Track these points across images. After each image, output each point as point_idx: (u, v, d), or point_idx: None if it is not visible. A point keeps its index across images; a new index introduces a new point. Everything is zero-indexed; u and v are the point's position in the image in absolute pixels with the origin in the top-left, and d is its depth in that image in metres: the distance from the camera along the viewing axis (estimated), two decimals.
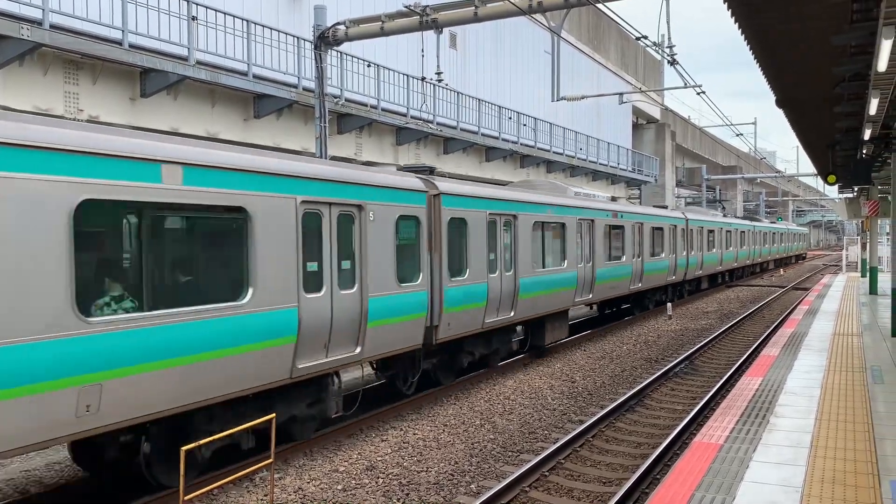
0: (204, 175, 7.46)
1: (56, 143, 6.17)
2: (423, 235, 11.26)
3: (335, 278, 9.30)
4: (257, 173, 8.11)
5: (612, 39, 44.02)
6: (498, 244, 13.52)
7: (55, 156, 6.15)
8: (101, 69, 14.33)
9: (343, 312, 9.43)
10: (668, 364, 15.24)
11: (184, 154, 7.30)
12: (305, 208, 8.84)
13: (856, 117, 13.54)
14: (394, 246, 10.45)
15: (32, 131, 6.03)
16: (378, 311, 10.05)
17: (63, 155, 6.21)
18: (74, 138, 6.34)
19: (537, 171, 31.93)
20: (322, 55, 15.48)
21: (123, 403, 6.65)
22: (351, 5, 20.42)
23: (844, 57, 9.67)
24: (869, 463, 6.73)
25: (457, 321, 12.07)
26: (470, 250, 12.46)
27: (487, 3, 13.61)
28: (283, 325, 8.39)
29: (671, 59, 14.70)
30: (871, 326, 16.12)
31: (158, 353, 6.92)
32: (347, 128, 20.38)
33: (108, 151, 6.56)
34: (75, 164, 6.29)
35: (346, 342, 9.56)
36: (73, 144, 6.29)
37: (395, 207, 10.55)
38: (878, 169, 19.59)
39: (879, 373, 10.90)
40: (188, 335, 7.21)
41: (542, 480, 8.56)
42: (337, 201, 9.36)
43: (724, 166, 66.76)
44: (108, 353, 6.48)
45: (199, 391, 7.40)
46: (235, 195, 7.81)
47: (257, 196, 8.09)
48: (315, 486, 8.25)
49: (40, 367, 5.98)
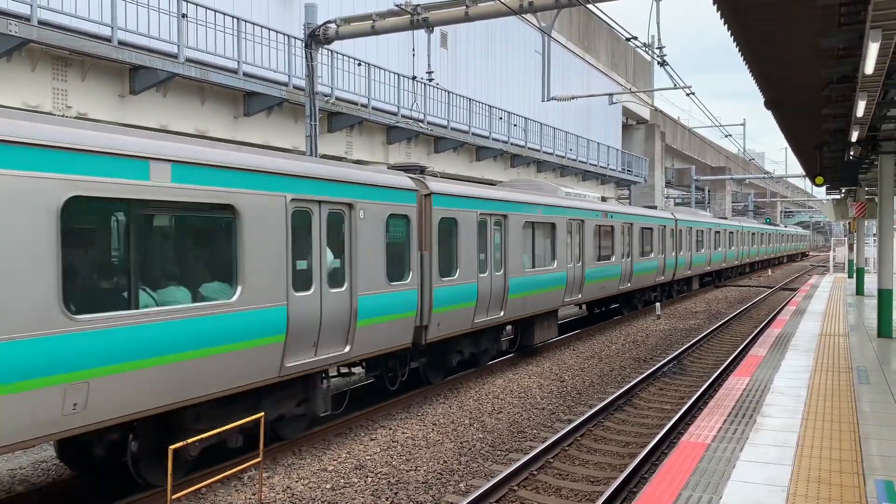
0: (193, 172, 7.43)
1: (42, 139, 6.10)
2: (413, 234, 11.27)
3: (324, 277, 9.29)
4: (247, 171, 8.09)
5: (603, 40, 44.13)
6: (488, 244, 13.55)
7: (42, 152, 6.08)
8: (90, 66, 14.25)
9: (332, 311, 9.41)
10: (657, 364, 15.31)
11: (172, 151, 7.25)
12: (295, 206, 8.82)
13: (843, 119, 13.62)
14: (384, 245, 10.46)
15: (18, 127, 5.97)
16: (367, 310, 10.05)
17: (50, 151, 6.14)
18: (61, 134, 6.27)
19: (527, 170, 31.98)
20: (312, 53, 15.46)
21: (110, 401, 6.62)
22: (342, 4, 20.39)
23: (832, 59, 9.73)
24: (854, 462, 6.79)
25: (447, 321, 12.11)
26: (460, 250, 12.48)
27: (478, 3, 13.62)
28: (272, 324, 8.37)
29: (661, 60, 14.77)
30: (858, 327, 16.24)
31: (146, 351, 6.89)
32: (338, 126, 20.34)
33: (96, 148, 6.51)
34: (62, 161, 6.24)
35: (336, 341, 9.55)
36: (59, 141, 6.22)
37: (386, 206, 10.56)
38: (865, 171, 19.72)
39: (865, 373, 10.99)
40: (176, 333, 7.18)
41: (531, 479, 8.58)
42: (327, 199, 9.34)
43: (713, 167, 67.02)
44: (96, 351, 6.45)
45: (187, 389, 7.37)
46: (224, 193, 7.78)
47: (246, 194, 8.06)
48: (303, 485, 8.24)
49: (27, 364, 5.95)
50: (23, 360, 5.92)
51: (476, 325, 13.16)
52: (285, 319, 8.56)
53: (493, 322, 13.77)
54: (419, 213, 11.48)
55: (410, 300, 11.14)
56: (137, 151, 6.88)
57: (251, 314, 8.07)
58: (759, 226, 50.29)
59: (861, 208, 23.28)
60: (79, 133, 6.46)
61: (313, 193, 9.10)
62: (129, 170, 6.79)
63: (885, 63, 8.90)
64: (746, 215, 67.97)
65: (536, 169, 32.71)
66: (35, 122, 6.19)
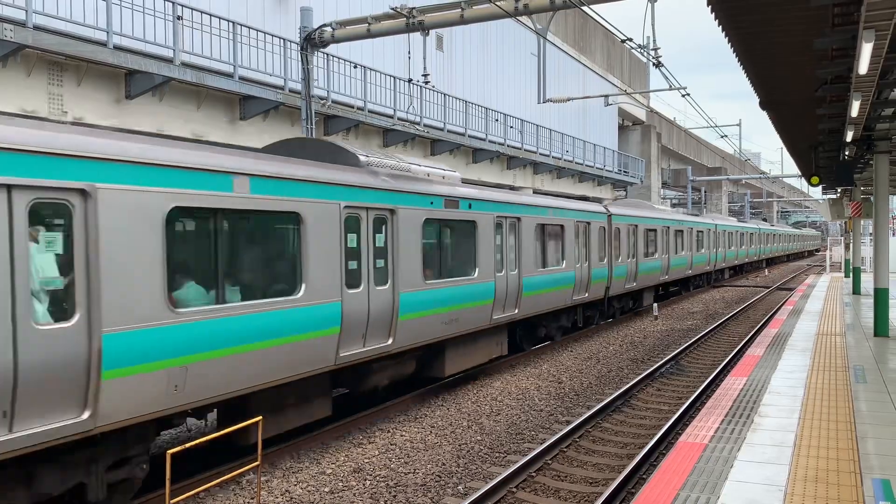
0: (267, 184, 8.41)
1: (155, 158, 7.11)
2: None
3: (371, 275, 10.30)
4: (309, 182, 9.10)
5: (598, 42, 44.20)
6: (503, 245, 14.40)
7: (153, 170, 7.09)
8: (86, 70, 14.24)
9: (378, 307, 10.40)
10: (654, 364, 15.33)
11: (250, 166, 8.25)
12: (347, 213, 9.85)
13: (838, 119, 13.67)
14: (420, 247, 11.41)
15: (140, 149, 7.02)
16: (407, 306, 11.01)
17: (159, 169, 7.15)
18: (168, 154, 7.29)
19: (524, 172, 32.02)
20: (308, 57, 15.47)
21: (202, 385, 7.53)
22: (337, 7, 20.41)
23: (826, 60, 9.77)
24: (851, 461, 6.81)
25: (468, 317, 12.90)
26: (480, 251, 13.31)
27: (474, 5, 13.64)
28: (330, 318, 9.38)
29: (656, 61, 14.80)
30: (855, 326, 16.28)
31: (233, 340, 7.84)
32: (334, 129, 20.35)
33: (192, 165, 7.50)
34: (167, 177, 7.24)
35: (380, 334, 10.54)
36: (166, 160, 7.23)
37: (422, 211, 11.57)
38: (860, 170, 19.78)
39: (862, 372, 11.02)
40: (255, 325, 8.15)
41: (530, 481, 8.59)
42: (373, 206, 10.39)
43: (709, 167, 67.12)
44: (192, 341, 7.39)
45: (263, 375, 8.34)
46: (292, 202, 8.79)
47: (309, 202, 9.08)
48: (302, 489, 8.25)
49: (142, 351, 6.87)
50: (140, 347, 6.85)
51: (493, 321, 13.86)
52: (340, 314, 9.53)
53: (507, 319, 14.49)
54: None
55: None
56: (223, 167, 7.86)
57: (313, 309, 9.07)
58: (753, 226, 50.28)
59: (857, 208, 23.34)
60: (178, 152, 7.45)
61: (361, 200, 10.12)
62: (217, 183, 7.77)
63: (879, 63, 8.94)
64: (744, 215, 68.07)
65: (533, 171, 32.76)
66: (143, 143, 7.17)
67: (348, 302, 9.70)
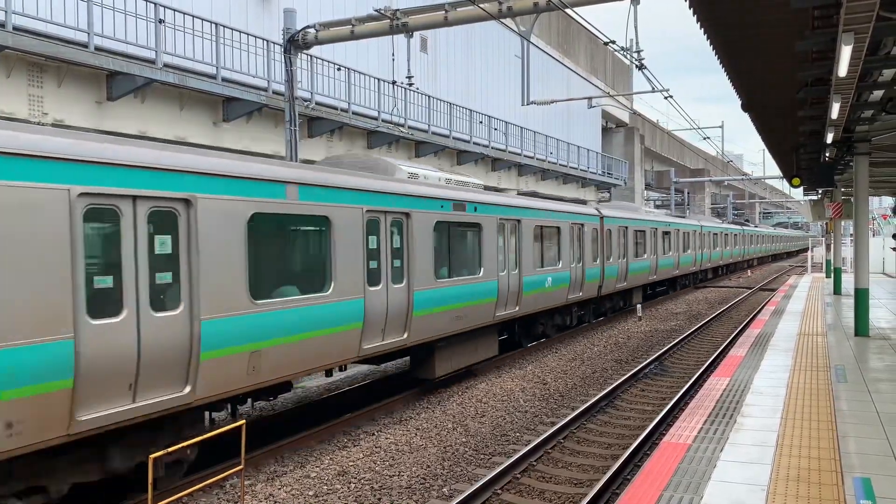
0: (310, 191, 9.44)
1: (238, 171, 8.31)
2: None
3: (390, 274, 11.13)
4: (339, 188, 10.02)
5: (582, 44, 44.37)
6: (505, 246, 15.01)
7: (241, 182, 8.34)
8: (67, 72, 14.10)
9: (395, 303, 11.22)
10: (638, 365, 15.39)
11: (297, 175, 9.28)
12: (369, 216, 10.70)
13: (819, 121, 13.79)
14: (432, 247, 12.17)
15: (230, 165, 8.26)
16: (421, 303, 11.80)
17: (244, 181, 8.38)
18: (248, 168, 8.48)
19: (509, 174, 32.07)
20: (292, 58, 15.40)
21: (269, 368, 8.66)
22: (321, 9, 20.34)
23: (807, 62, 9.86)
24: (833, 460, 6.87)
25: (473, 314, 13.60)
26: (484, 251, 14.04)
27: (458, 8, 13.64)
28: (354, 313, 10.23)
29: (639, 64, 14.86)
30: (836, 326, 16.44)
31: (291, 329, 8.95)
32: (318, 131, 20.27)
33: (265, 176, 8.66)
34: (251, 187, 8.49)
35: (397, 329, 11.35)
36: (247, 172, 8.42)
37: (433, 215, 12.34)
38: (840, 172, 19.99)
39: (843, 372, 11.12)
40: (305, 317, 9.20)
41: (515, 483, 8.60)
42: (391, 210, 11.20)
43: (692, 169, 67.58)
44: (265, 329, 8.54)
45: (305, 362, 9.36)
46: (325, 207, 9.74)
47: (337, 207, 9.99)
48: (286, 493, 8.20)
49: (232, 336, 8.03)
50: (230, 333, 8.03)
51: (496, 318, 14.54)
52: (363, 309, 10.38)
53: (509, 316, 15.12)
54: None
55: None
56: (280, 177, 8.94)
57: (340, 304, 9.95)
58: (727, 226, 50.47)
59: (837, 209, 23.57)
60: (258, 166, 8.66)
61: (381, 205, 10.94)
62: (277, 191, 8.88)
63: (858, 66, 9.04)
64: (727, 216, 68.55)
65: (518, 172, 32.81)
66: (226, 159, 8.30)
67: (370, 298, 10.60)
